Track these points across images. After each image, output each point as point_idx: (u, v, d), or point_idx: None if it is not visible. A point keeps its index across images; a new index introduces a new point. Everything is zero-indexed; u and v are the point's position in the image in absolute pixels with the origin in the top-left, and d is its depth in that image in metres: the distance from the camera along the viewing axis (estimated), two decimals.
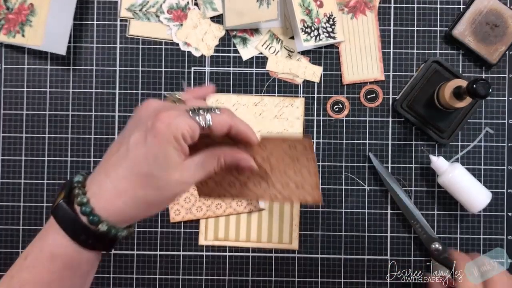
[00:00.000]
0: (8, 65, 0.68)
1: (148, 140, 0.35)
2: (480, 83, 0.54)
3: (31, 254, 0.37)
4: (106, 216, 0.36)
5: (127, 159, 0.35)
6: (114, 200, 0.35)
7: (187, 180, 0.37)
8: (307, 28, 0.65)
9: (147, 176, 0.35)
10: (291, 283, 0.67)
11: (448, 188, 0.63)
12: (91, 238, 0.36)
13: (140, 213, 0.37)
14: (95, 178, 0.37)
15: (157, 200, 0.37)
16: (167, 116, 0.35)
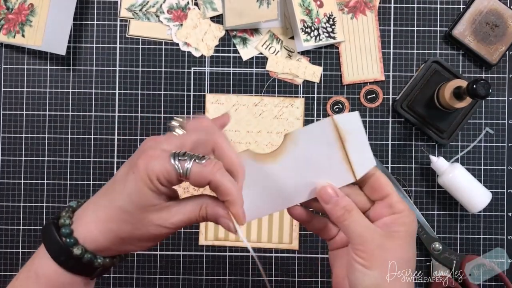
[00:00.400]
0: (8, 65, 0.68)
1: (128, 177, 0.35)
2: (480, 83, 0.54)
3: (21, 274, 0.38)
4: (82, 241, 0.36)
5: (110, 191, 0.36)
6: (91, 227, 0.36)
7: (163, 223, 0.36)
8: (307, 28, 0.65)
9: (122, 211, 0.35)
10: (291, 283, 0.67)
11: (448, 188, 0.63)
12: (70, 260, 0.36)
13: (113, 246, 0.36)
14: (86, 205, 0.38)
15: (130, 237, 0.36)
16: (149, 156, 0.35)
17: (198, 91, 0.68)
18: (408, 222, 0.38)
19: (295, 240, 0.67)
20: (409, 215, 0.38)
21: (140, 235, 0.36)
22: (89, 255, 0.36)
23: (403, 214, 0.38)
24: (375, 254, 0.36)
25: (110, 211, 0.36)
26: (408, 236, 0.38)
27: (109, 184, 0.37)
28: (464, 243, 0.67)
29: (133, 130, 0.68)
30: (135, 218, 0.35)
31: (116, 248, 0.37)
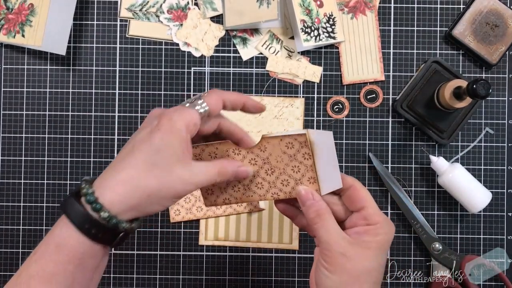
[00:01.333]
0: (8, 65, 0.68)
1: (152, 135, 0.37)
2: (480, 83, 0.54)
3: (39, 249, 0.38)
4: (108, 205, 0.36)
5: (133, 153, 0.37)
6: (116, 188, 0.36)
7: (188, 179, 0.37)
8: (307, 28, 0.65)
9: (150, 165, 0.36)
10: (291, 283, 0.67)
11: (448, 188, 0.63)
12: (94, 227, 0.36)
13: (140, 203, 0.37)
14: (101, 175, 0.38)
15: (157, 193, 0.37)
16: (169, 112, 0.38)
17: (198, 91, 0.68)
18: (381, 233, 0.39)
19: (295, 240, 0.67)
20: (383, 227, 0.39)
21: (166, 191, 0.37)
22: (115, 219, 0.36)
23: (377, 226, 0.39)
24: (338, 260, 0.38)
25: (138, 168, 0.36)
26: (377, 247, 0.39)
27: (127, 149, 0.38)
28: (464, 243, 0.67)
29: (133, 130, 0.68)
30: (163, 172, 0.37)
31: (141, 208, 0.37)
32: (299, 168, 0.41)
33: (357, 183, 0.41)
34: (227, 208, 0.67)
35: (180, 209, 0.67)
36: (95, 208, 0.36)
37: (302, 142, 0.40)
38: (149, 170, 0.36)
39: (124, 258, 0.67)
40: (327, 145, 0.42)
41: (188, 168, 0.38)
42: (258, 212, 0.67)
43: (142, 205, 0.37)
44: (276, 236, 0.67)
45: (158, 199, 0.37)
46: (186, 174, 0.37)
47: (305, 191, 0.41)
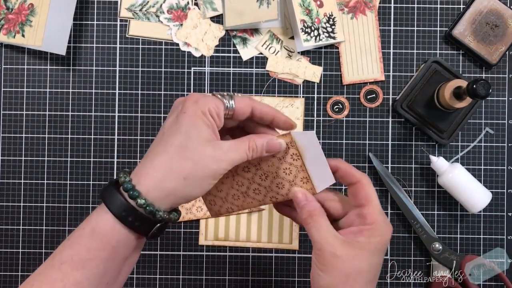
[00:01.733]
0: (8, 65, 0.68)
1: (179, 119, 0.38)
2: (480, 83, 0.54)
3: (74, 233, 0.38)
4: (145, 192, 0.37)
5: (163, 139, 0.38)
6: (151, 174, 0.37)
7: (220, 157, 0.38)
8: (307, 28, 0.65)
9: (182, 147, 0.37)
10: (291, 283, 0.67)
11: (448, 188, 0.63)
12: (131, 215, 0.37)
13: (177, 187, 0.37)
14: (138, 165, 0.39)
15: (193, 174, 0.37)
16: (195, 96, 0.39)
17: (198, 91, 0.68)
18: (375, 235, 0.39)
19: (295, 240, 0.67)
20: (379, 228, 0.39)
21: (202, 172, 0.37)
22: (151, 206, 0.37)
23: (373, 226, 0.39)
24: (329, 260, 0.38)
25: (170, 153, 0.37)
26: (370, 248, 0.39)
27: (158, 137, 0.39)
28: (464, 243, 0.67)
29: (133, 130, 0.68)
30: (195, 153, 0.37)
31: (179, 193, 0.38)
32: (290, 170, 0.41)
33: (365, 179, 0.41)
34: None
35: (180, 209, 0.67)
36: (132, 195, 0.36)
37: (288, 142, 0.40)
38: (181, 153, 0.37)
39: None
40: (313, 145, 0.42)
41: (218, 147, 0.38)
42: (258, 212, 0.67)
43: (180, 189, 0.37)
44: (276, 236, 0.67)
45: (194, 181, 0.37)
46: (218, 152, 0.38)
47: (301, 193, 0.41)
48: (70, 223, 0.67)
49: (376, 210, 0.40)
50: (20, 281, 0.67)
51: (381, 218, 0.40)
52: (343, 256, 0.38)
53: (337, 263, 0.38)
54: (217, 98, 0.39)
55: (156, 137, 0.40)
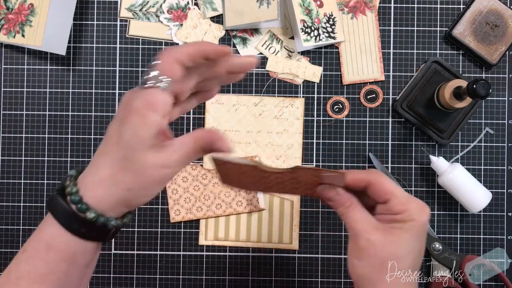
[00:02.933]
0: (8, 65, 0.68)
1: (120, 128, 0.35)
2: (480, 83, 0.54)
3: (28, 247, 0.37)
4: (94, 205, 0.36)
5: (106, 149, 0.36)
6: (97, 188, 0.36)
7: (165, 162, 0.36)
8: (307, 28, 0.65)
9: (123, 160, 0.35)
10: (291, 283, 0.67)
11: (448, 188, 0.63)
12: (83, 227, 0.36)
13: (122, 199, 0.36)
14: (86, 170, 0.38)
15: (136, 186, 0.36)
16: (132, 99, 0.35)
17: None
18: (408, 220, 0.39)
19: (295, 240, 0.67)
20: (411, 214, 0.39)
21: (145, 181, 0.36)
22: (102, 218, 0.36)
23: (403, 216, 0.39)
24: (364, 247, 0.38)
25: (112, 165, 0.36)
26: (405, 234, 0.38)
27: (102, 144, 0.37)
28: (464, 243, 0.67)
29: None
30: (137, 164, 0.35)
31: (125, 202, 0.37)
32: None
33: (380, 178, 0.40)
34: (227, 208, 0.67)
35: (180, 209, 0.67)
36: (81, 208, 0.35)
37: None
38: (122, 166, 0.35)
39: (124, 258, 0.67)
40: None
41: (161, 152, 0.36)
42: (258, 212, 0.67)
43: (125, 199, 0.36)
44: (276, 236, 0.67)
45: (138, 191, 0.36)
46: (160, 158, 0.35)
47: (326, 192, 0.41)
48: None
49: (401, 201, 0.39)
50: None
51: (409, 206, 0.39)
52: (378, 243, 0.38)
53: (372, 249, 0.38)
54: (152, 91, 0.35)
55: (101, 143, 0.37)
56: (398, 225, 0.39)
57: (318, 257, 0.67)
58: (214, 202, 0.67)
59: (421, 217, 0.39)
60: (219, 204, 0.67)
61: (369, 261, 0.38)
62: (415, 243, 0.39)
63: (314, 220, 0.67)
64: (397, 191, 0.40)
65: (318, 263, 0.67)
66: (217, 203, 0.67)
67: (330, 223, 0.67)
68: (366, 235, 0.38)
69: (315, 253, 0.67)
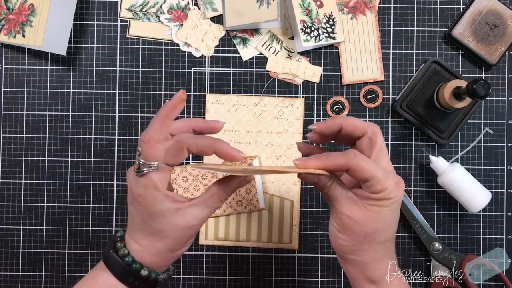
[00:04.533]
0: (8, 65, 0.68)
1: (137, 209, 0.43)
2: (480, 83, 0.54)
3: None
4: (144, 264, 0.43)
5: (136, 228, 0.44)
6: (143, 254, 0.44)
7: (194, 222, 0.43)
8: (307, 28, 0.65)
9: (155, 233, 0.43)
10: (291, 283, 0.67)
11: (448, 188, 0.63)
12: (137, 280, 0.43)
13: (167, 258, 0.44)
14: (128, 236, 0.45)
15: (176, 244, 0.44)
16: (131, 186, 0.43)
17: (198, 91, 0.68)
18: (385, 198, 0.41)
19: (295, 240, 0.67)
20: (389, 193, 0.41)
21: (182, 239, 0.43)
22: (154, 274, 0.44)
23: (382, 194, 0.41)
24: (346, 223, 0.41)
25: (148, 238, 0.43)
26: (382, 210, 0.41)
27: (130, 224, 0.45)
28: (464, 243, 0.67)
29: (133, 130, 0.68)
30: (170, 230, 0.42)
31: (170, 258, 0.45)
32: None
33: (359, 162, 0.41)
34: (227, 208, 0.67)
35: None
36: (135, 268, 0.43)
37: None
38: (160, 237, 0.43)
39: None
40: None
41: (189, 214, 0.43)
42: (258, 212, 0.67)
43: (170, 257, 0.44)
44: (276, 236, 0.67)
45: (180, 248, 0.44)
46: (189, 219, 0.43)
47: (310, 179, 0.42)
48: (70, 223, 0.67)
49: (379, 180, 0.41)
50: (20, 281, 0.67)
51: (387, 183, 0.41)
52: (359, 220, 0.41)
53: (354, 226, 0.41)
54: (148, 177, 0.42)
55: (129, 222, 0.45)
56: (377, 202, 0.41)
57: (318, 257, 0.67)
58: None
59: (397, 194, 0.41)
60: None
61: (351, 235, 0.41)
62: (393, 217, 0.42)
63: (314, 220, 0.67)
64: (375, 170, 0.41)
65: (318, 263, 0.67)
66: None
67: None
68: (347, 213, 0.41)
69: (315, 253, 0.67)
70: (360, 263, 0.42)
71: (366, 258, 0.42)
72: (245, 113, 0.67)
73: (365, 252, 0.42)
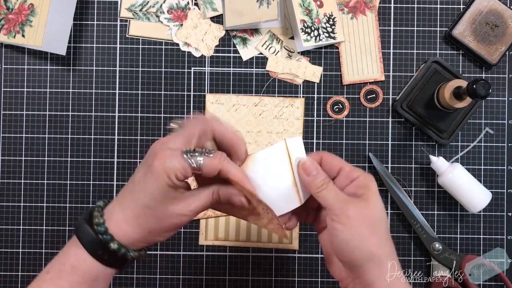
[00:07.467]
0: (8, 65, 0.68)
1: (147, 177, 0.40)
2: (480, 83, 0.54)
3: (53, 268, 0.42)
4: (117, 237, 0.41)
5: (133, 193, 0.41)
6: (122, 225, 0.41)
7: (183, 212, 0.41)
8: (307, 28, 0.65)
9: (147, 208, 0.41)
10: (291, 283, 0.67)
11: (448, 188, 0.63)
12: (106, 254, 0.41)
13: (143, 238, 0.42)
14: (112, 205, 0.43)
15: (157, 229, 0.42)
16: (163, 156, 0.40)
17: (198, 91, 0.68)
18: (365, 183, 0.43)
19: (295, 240, 0.67)
20: (365, 177, 0.43)
21: (165, 226, 0.42)
22: (124, 249, 0.41)
23: (359, 178, 0.43)
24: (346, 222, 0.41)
25: (137, 210, 0.41)
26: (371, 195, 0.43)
27: (129, 185, 0.42)
28: (464, 243, 0.67)
29: (133, 130, 0.68)
30: (159, 212, 0.41)
31: (145, 240, 0.42)
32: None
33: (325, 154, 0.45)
34: None
35: None
36: (105, 239, 0.40)
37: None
38: (146, 212, 0.41)
39: None
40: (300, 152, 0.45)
41: (183, 201, 0.41)
42: None
43: (146, 239, 0.42)
44: (276, 236, 0.67)
45: (158, 233, 0.42)
46: (181, 207, 0.41)
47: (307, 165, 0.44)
48: (70, 223, 0.67)
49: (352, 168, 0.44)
50: (20, 281, 0.67)
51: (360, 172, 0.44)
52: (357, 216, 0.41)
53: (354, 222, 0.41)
54: (184, 161, 0.40)
55: (128, 184, 0.42)
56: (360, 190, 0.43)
57: (318, 257, 0.67)
58: None
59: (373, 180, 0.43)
60: None
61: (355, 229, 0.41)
62: (381, 204, 0.43)
63: None
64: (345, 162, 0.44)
65: (318, 263, 0.67)
66: None
67: None
68: (346, 213, 0.42)
69: (315, 253, 0.67)
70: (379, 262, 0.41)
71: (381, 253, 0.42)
72: (245, 113, 0.67)
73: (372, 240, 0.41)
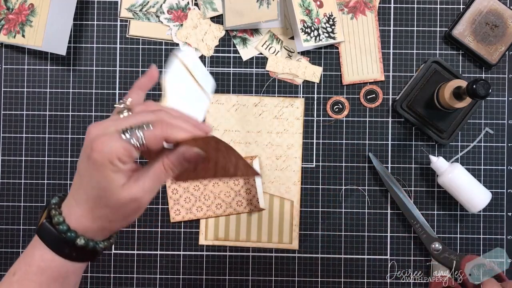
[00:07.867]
0: (8, 65, 0.68)
1: (90, 170, 0.38)
2: (480, 83, 0.54)
3: (19, 270, 0.40)
4: (81, 232, 0.39)
5: (82, 187, 0.39)
6: (81, 220, 0.39)
7: (138, 194, 0.38)
8: (307, 28, 0.65)
9: (99, 199, 0.38)
10: (291, 283, 0.67)
11: (448, 188, 0.63)
12: (74, 251, 0.39)
13: (106, 228, 0.40)
14: (68, 200, 0.41)
15: (116, 217, 0.39)
16: (100, 143, 0.37)
17: None
18: None
19: (295, 240, 0.67)
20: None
21: (124, 213, 0.39)
22: (92, 243, 0.40)
23: None
24: None
25: (90, 203, 0.39)
26: None
27: (77, 179, 0.40)
28: (464, 243, 0.67)
29: None
30: (113, 201, 0.38)
31: (109, 229, 0.41)
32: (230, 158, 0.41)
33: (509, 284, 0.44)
34: (227, 208, 0.67)
35: (180, 209, 0.67)
36: (70, 237, 0.39)
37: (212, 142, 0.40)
38: (99, 203, 0.38)
39: (124, 258, 0.67)
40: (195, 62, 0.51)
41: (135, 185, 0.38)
42: (258, 212, 0.67)
43: (108, 227, 0.40)
44: (276, 236, 0.67)
45: (119, 221, 0.40)
46: (135, 191, 0.38)
47: None
48: None
49: None
50: None
51: None
52: None
53: None
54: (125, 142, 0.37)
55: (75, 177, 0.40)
56: None
57: (318, 257, 0.67)
58: (214, 202, 0.67)
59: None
60: (219, 204, 0.67)
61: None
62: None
63: (314, 220, 0.67)
64: None
65: (318, 263, 0.67)
66: (217, 203, 0.67)
67: (330, 223, 0.67)
68: None
69: (315, 253, 0.67)
70: None
71: None
72: (245, 113, 0.67)
73: None
